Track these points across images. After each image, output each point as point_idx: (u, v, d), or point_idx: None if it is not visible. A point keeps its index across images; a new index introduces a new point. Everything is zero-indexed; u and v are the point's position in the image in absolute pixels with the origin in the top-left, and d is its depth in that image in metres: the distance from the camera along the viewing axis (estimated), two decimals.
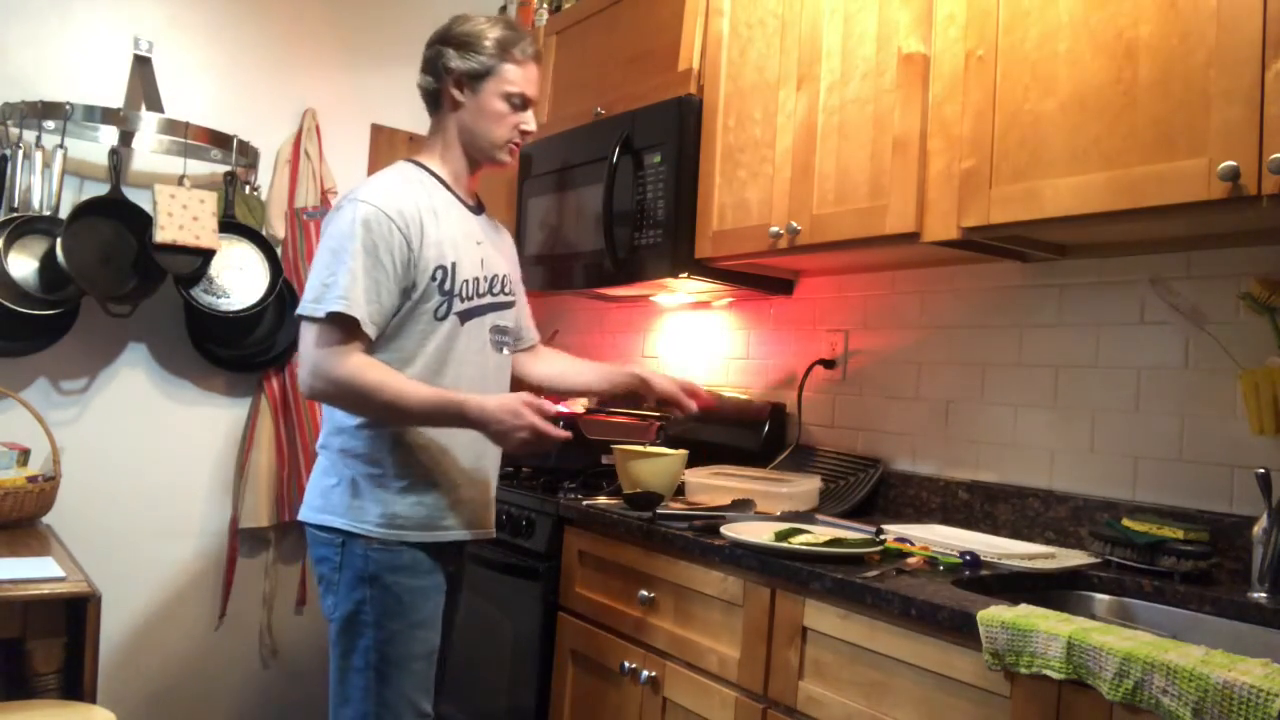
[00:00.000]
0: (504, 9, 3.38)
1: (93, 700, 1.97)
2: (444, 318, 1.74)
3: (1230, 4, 1.34)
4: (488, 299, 1.83)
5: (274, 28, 3.05)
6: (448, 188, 1.83)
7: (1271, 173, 1.27)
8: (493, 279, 1.85)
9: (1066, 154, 1.54)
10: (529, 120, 1.84)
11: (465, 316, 1.78)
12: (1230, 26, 1.34)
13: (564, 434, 1.63)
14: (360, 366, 1.63)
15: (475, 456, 1.81)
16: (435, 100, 1.84)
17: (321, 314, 1.63)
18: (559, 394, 2.12)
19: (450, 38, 1.79)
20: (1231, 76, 1.33)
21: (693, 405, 1.95)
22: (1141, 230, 1.69)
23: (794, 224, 2.01)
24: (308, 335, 1.66)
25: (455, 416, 1.65)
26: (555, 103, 2.91)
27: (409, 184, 1.77)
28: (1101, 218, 1.50)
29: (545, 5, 3.14)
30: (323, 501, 1.75)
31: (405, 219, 1.70)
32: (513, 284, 1.94)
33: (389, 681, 1.70)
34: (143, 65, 2.76)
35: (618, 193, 2.42)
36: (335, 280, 1.64)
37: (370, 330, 1.65)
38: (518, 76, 1.80)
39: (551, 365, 2.09)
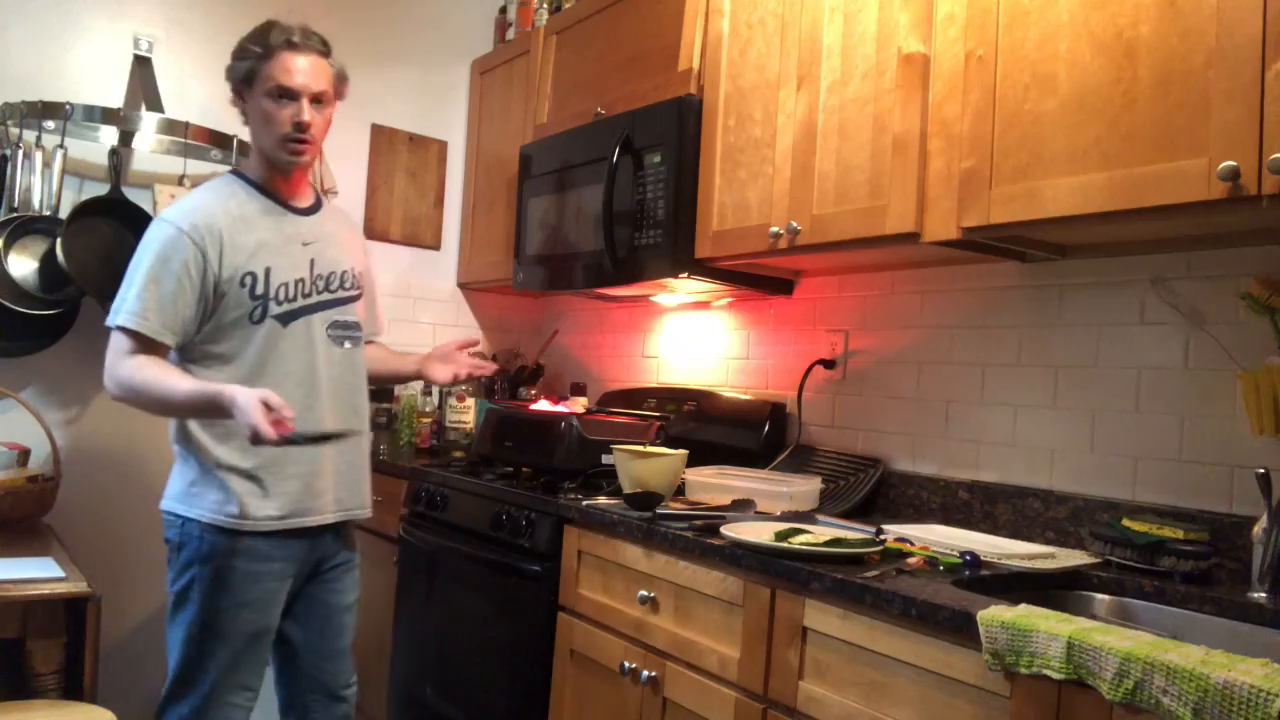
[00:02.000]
0: (504, 9, 3.38)
1: (93, 700, 1.97)
2: (260, 320, 1.84)
3: (1230, 4, 1.34)
4: (318, 298, 1.92)
5: None
6: (265, 194, 1.91)
7: (1271, 173, 1.27)
8: (328, 276, 1.94)
9: (1066, 154, 1.54)
10: (302, 111, 1.82)
11: (287, 318, 1.87)
12: (1230, 26, 1.34)
13: (271, 436, 1.63)
14: (135, 367, 1.76)
15: (299, 449, 1.86)
16: (244, 116, 1.93)
17: (113, 326, 1.79)
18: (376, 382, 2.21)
19: (233, 52, 1.87)
20: (1231, 76, 1.33)
21: (473, 365, 2.14)
22: (1141, 230, 1.69)
23: (794, 224, 2.01)
24: (110, 343, 1.81)
25: (215, 405, 1.71)
26: (555, 103, 2.91)
27: (218, 197, 1.87)
28: (1101, 218, 1.50)
29: (545, 5, 3.14)
30: (169, 489, 1.93)
31: (201, 232, 1.80)
32: (356, 278, 2.01)
33: (208, 651, 1.84)
34: (143, 65, 2.76)
35: (618, 193, 2.42)
36: (129, 294, 1.78)
37: (166, 338, 1.79)
38: (274, 69, 1.81)
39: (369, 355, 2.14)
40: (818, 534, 1.70)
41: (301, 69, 1.83)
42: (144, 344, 1.78)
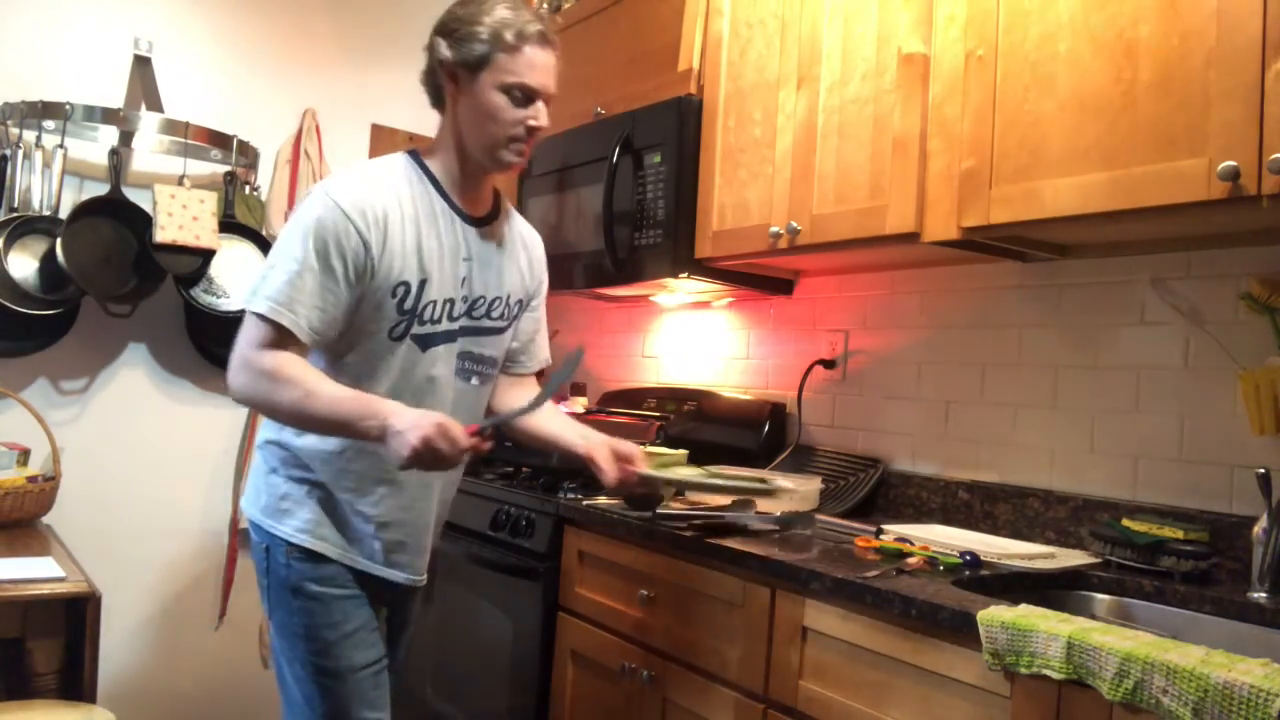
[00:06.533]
0: None
1: (93, 700, 1.97)
2: (399, 338, 1.55)
3: (1230, 4, 1.34)
4: (460, 323, 1.62)
5: (274, 28, 3.05)
6: (440, 192, 1.60)
7: (1271, 173, 1.27)
8: (475, 301, 1.63)
9: (1066, 154, 1.54)
10: (538, 114, 1.56)
11: (426, 341, 1.57)
12: (1230, 26, 1.34)
13: (474, 445, 1.42)
14: (276, 364, 1.45)
15: (410, 500, 1.63)
16: (437, 96, 1.61)
17: (250, 310, 1.49)
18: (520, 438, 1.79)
19: (445, 25, 1.56)
20: (1231, 76, 1.33)
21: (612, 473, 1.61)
22: (1141, 230, 1.69)
23: (794, 224, 2.01)
24: (242, 329, 1.51)
25: (370, 416, 1.41)
26: (555, 102, 2.91)
27: (392, 183, 1.56)
28: (1101, 218, 1.50)
29: (545, 5, 3.14)
30: (254, 495, 1.66)
31: (368, 220, 1.49)
32: (508, 308, 1.70)
33: (330, 694, 1.58)
34: (143, 65, 2.76)
35: (618, 193, 2.42)
36: (272, 276, 1.48)
37: (305, 335, 1.47)
38: (517, 64, 1.52)
39: (518, 400, 1.77)
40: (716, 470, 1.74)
41: (547, 68, 1.56)
42: (281, 337, 1.46)
